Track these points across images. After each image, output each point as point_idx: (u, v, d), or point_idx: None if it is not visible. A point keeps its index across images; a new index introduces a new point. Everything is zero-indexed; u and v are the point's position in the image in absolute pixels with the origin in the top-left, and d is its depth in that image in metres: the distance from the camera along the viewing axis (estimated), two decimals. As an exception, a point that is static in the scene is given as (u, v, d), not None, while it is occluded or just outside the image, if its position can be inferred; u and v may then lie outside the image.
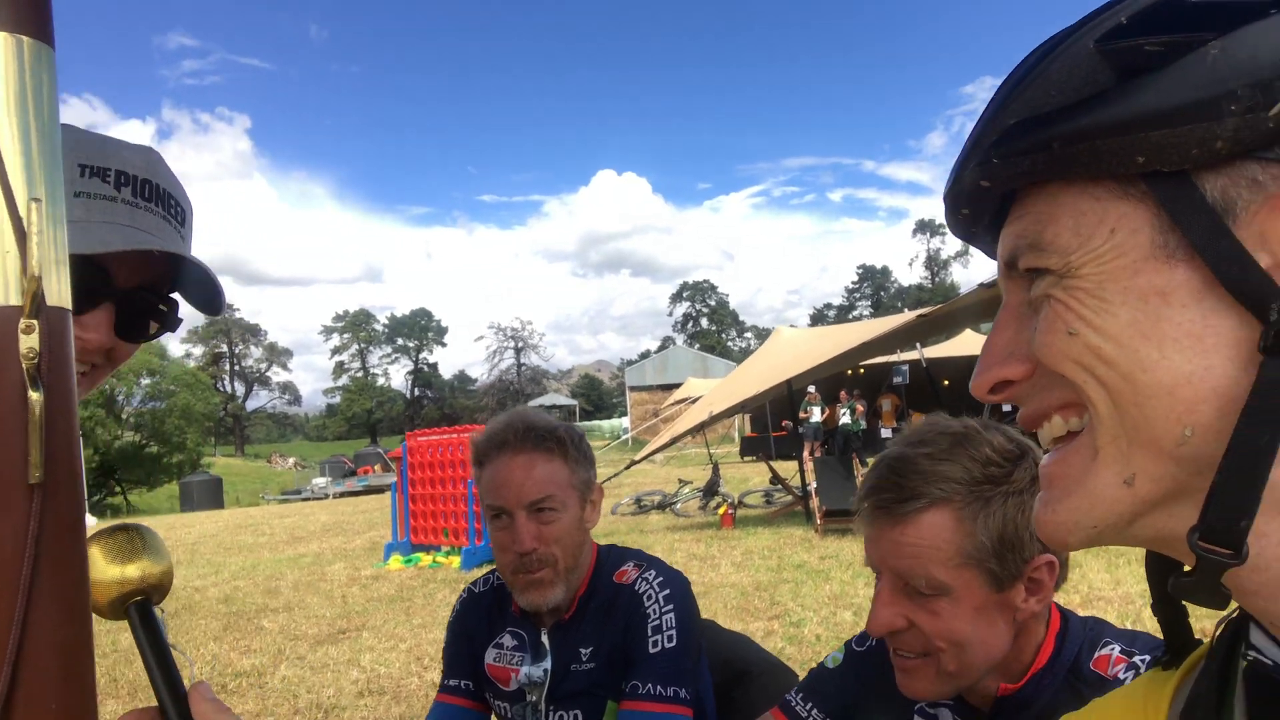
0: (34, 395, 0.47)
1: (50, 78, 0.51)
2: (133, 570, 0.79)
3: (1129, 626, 1.27)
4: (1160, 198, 0.46)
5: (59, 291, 0.50)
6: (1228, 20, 0.44)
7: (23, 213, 0.47)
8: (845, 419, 19.94)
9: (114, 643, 6.74)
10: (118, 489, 38.70)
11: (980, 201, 0.55)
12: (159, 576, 0.81)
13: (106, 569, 0.79)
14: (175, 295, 1.05)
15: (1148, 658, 1.15)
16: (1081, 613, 1.27)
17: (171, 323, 1.04)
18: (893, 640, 1.17)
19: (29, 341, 0.47)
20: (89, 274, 0.92)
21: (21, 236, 0.46)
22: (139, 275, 0.98)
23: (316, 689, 5.25)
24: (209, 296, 1.04)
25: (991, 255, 0.58)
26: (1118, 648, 1.19)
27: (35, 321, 0.47)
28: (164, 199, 1.00)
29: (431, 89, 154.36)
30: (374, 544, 11.92)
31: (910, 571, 1.11)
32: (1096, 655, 1.18)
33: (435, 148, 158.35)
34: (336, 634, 6.69)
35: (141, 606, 0.80)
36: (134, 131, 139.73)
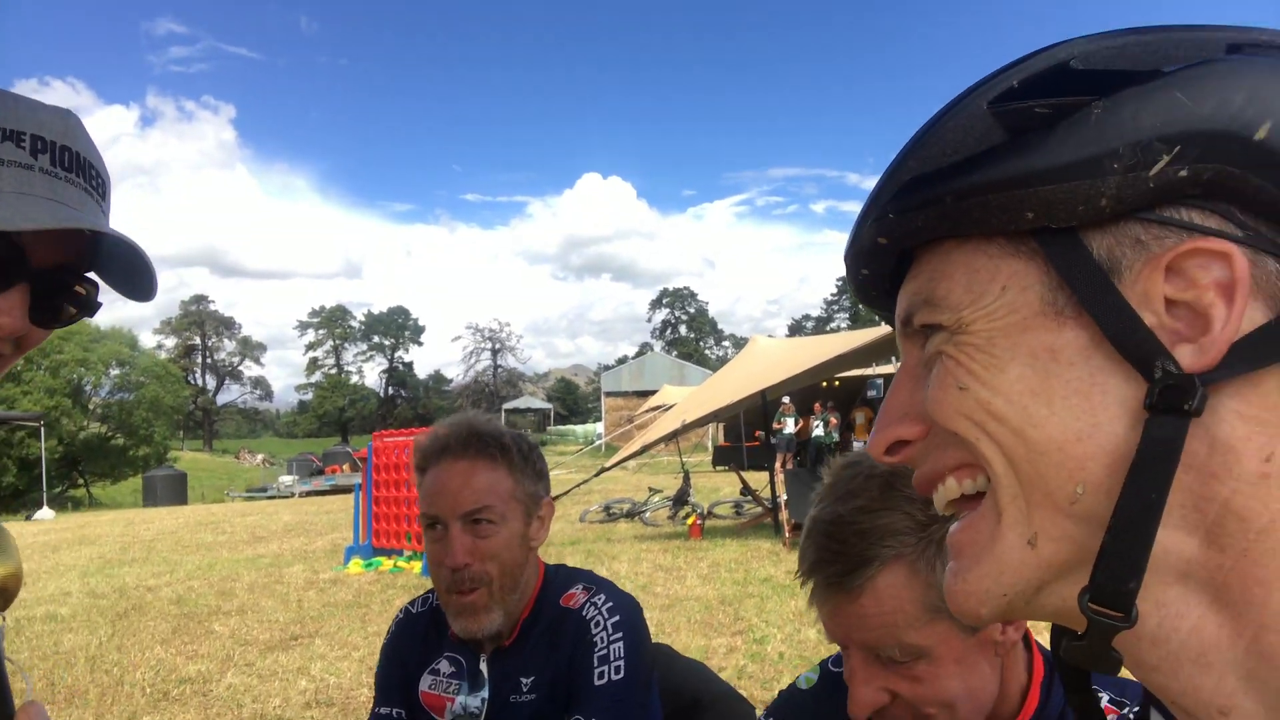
0: None
1: None
2: None
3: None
4: (1049, 255, 0.47)
5: None
6: (1111, 85, 0.46)
7: None
8: (819, 431, 19.93)
9: (55, 644, 6.53)
10: (80, 481, 37.99)
11: (878, 260, 0.55)
12: (4, 579, 0.75)
13: None
14: (94, 277, 0.94)
15: (1138, 709, 1.04)
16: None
17: (91, 306, 0.94)
18: (879, 716, 1.07)
19: None
20: (1, 251, 0.83)
21: None
22: (57, 254, 0.88)
23: (263, 698, 5.07)
24: (137, 279, 0.94)
25: (890, 319, 0.58)
26: (1107, 697, 1.09)
27: None
28: (84, 168, 0.90)
29: (419, 85, 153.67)
30: (335, 546, 11.69)
31: (880, 643, 1.02)
32: None
33: (421, 144, 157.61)
34: (289, 640, 6.51)
35: None
36: (117, 116, 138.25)
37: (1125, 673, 0.50)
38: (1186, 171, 0.44)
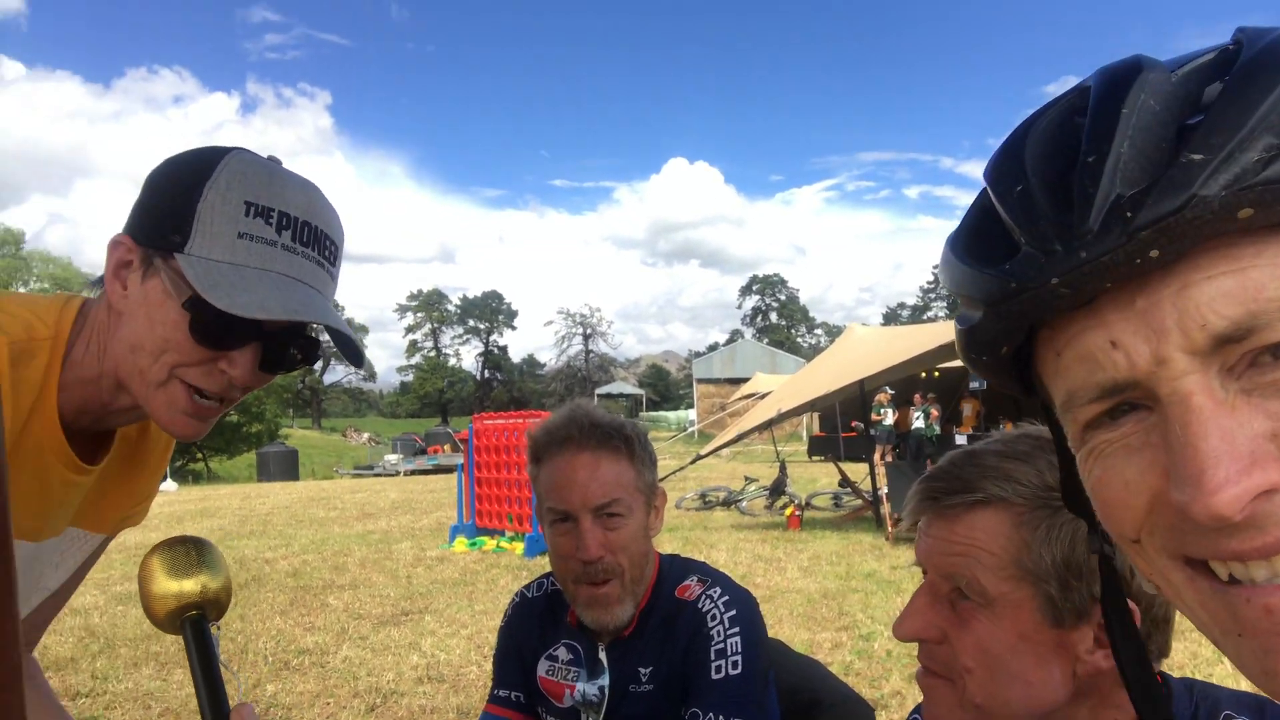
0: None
1: None
2: (190, 585, 0.79)
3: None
4: None
5: None
6: None
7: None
8: (919, 423, 19.43)
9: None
10: (199, 456, 40.13)
11: (1221, 223, 0.42)
12: (216, 592, 0.81)
13: (165, 582, 0.79)
14: (317, 335, 1.11)
15: None
16: None
17: (312, 357, 1.09)
18: (923, 653, 1.01)
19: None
20: (239, 320, 0.95)
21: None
22: (285, 321, 1.02)
23: (377, 672, 5.26)
24: (352, 354, 1.10)
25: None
26: None
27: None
28: (320, 241, 1.03)
29: (507, 71, 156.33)
30: (440, 524, 12.04)
31: (955, 571, 0.96)
32: None
33: (509, 130, 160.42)
34: (399, 615, 6.73)
35: (196, 622, 0.80)
36: (220, 104, 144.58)
37: None
38: None
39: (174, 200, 0.98)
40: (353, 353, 1.09)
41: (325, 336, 1.14)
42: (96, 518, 1.19)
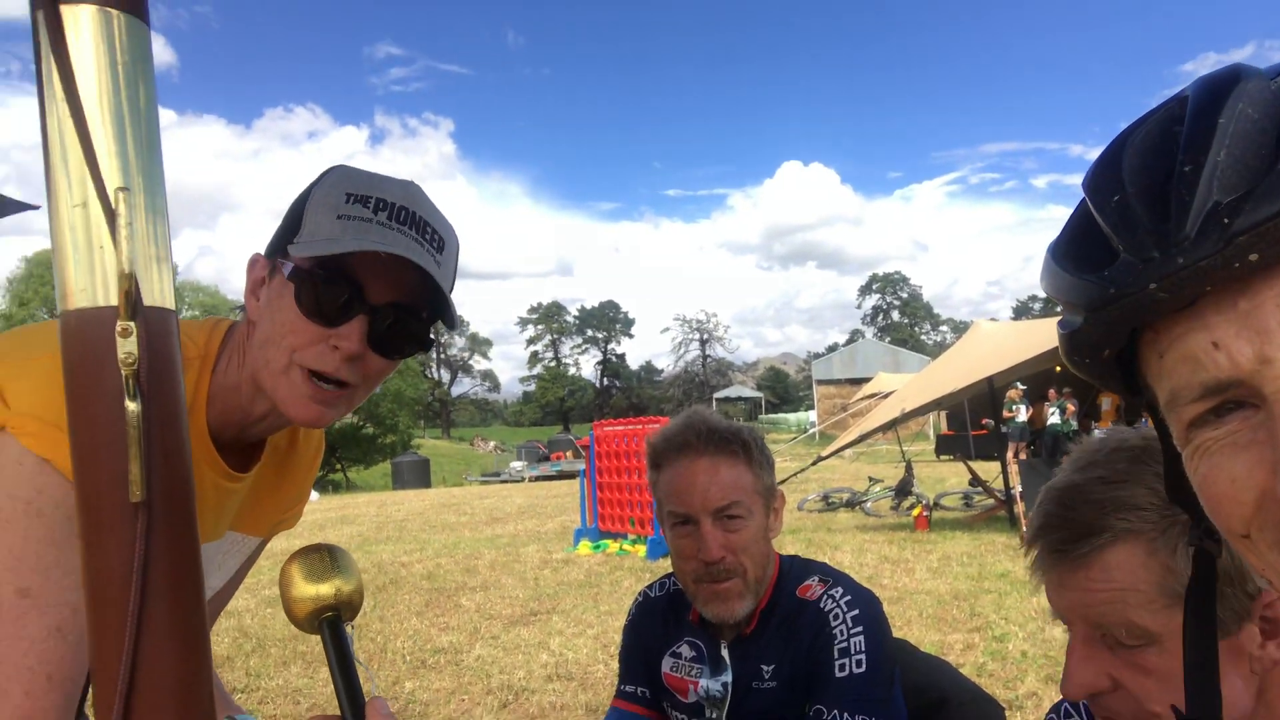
0: (131, 405, 0.42)
1: (144, 56, 0.45)
2: (326, 589, 0.85)
3: None
4: None
5: (161, 291, 0.45)
6: None
7: (112, 203, 0.42)
8: (1055, 419, 18.50)
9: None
10: (338, 466, 42.32)
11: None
12: (349, 594, 0.87)
13: (304, 586, 0.84)
14: (432, 321, 1.12)
15: None
16: None
17: (425, 341, 1.12)
18: (1096, 706, 0.95)
19: (126, 346, 0.42)
20: (343, 288, 1.01)
21: (114, 230, 0.41)
22: (390, 292, 1.05)
23: (508, 670, 5.42)
24: (447, 316, 1.14)
25: (1121, 390, 0.54)
26: None
27: (132, 324, 0.42)
28: (419, 224, 1.07)
29: (618, 89, 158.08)
30: (565, 528, 12.29)
31: (1105, 620, 0.91)
32: None
33: (622, 145, 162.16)
34: (528, 615, 6.92)
35: (333, 623, 0.85)
36: (349, 137, 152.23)
37: None
38: None
39: (292, 212, 1.08)
40: (448, 314, 1.12)
41: (448, 339, 1.16)
42: (253, 522, 1.30)
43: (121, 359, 0.42)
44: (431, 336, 1.13)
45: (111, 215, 0.41)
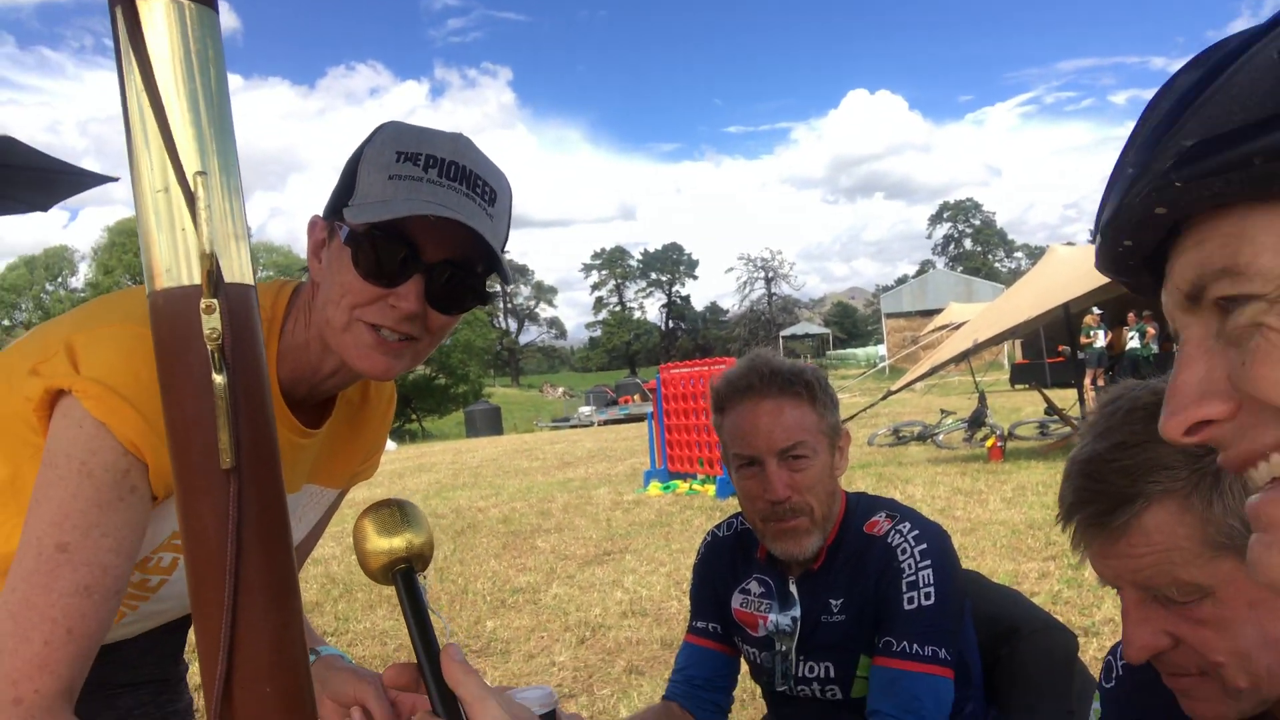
0: (218, 378, 0.45)
1: (215, 42, 0.47)
2: (399, 542, 0.87)
3: None
4: None
5: (240, 267, 0.48)
6: None
7: (191, 186, 0.44)
8: (1134, 343, 17.91)
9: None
10: (414, 416, 43.47)
11: (1147, 230, 0.52)
12: (421, 547, 0.89)
13: (377, 540, 0.86)
14: (487, 275, 1.14)
15: None
16: None
17: (482, 295, 1.13)
18: (1160, 663, 0.95)
19: (210, 322, 0.45)
20: (399, 249, 1.04)
21: (194, 212, 0.44)
22: (445, 251, 1.07)
23: (585, 607, 5.58)
24: (503, 273, 1.15)
25: (1146, 291, 0.57)
26: None
27: (215, 301, 0.45)
28: (469, 178, 1.08)
29: (675, 25, 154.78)
30: (634, 470, 12.45)
31: (1153, 582, 0.90)
32: None
33: (681, 83, 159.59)
34: (602, 555, 7.08)
35: (406, 574, 0.87)
36: (410, 92, 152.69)
37: None
38: None
39: (346, 173, 1.10)
40: (502, 271, 1.14)
41: (513, 289, 1.18)
42: (329, 474, 1.36)
43: (207, 334, 0.45)
44: (489, 289, 1.15)
45: (191, 199, 0.43)
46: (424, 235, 1.05)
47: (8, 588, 0.87)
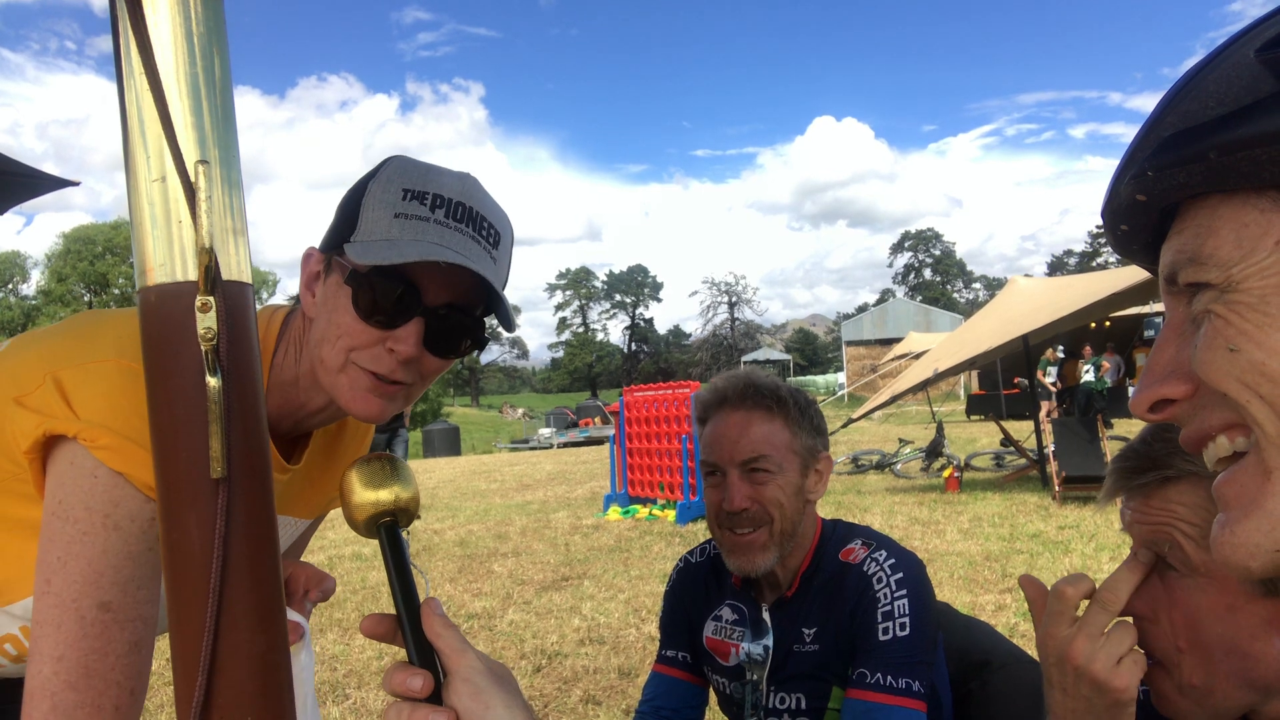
0: (212, 381, 0.42)
1: (219, 26, 0.44)
2: (385, 495, 0.86)
3: None
4: None
5: (238, 265, 0.45)
6: None
7: (191, 176, 0.41)
8: (1089, 376, 18.29)
9: (362, 580, 7.43)
10: (371, 435, 42.90)
11: (1137, 217, 0.54)
12: (407, 501, 0.88)
13: (363, 493, 0.86)
14: (486, 317, 1.13)
15: None
16: None
17: (480, 341, 1.12)
18: (1141, 633, 1.00)
19: (206, 321, 0.42)
20: (401, 291, 1.01)
21: (193, 204, 0.41)
22: (447, 294, 1.05)
23: (541, 634, 5.50)
24: (503, 316, 1.13)
25: (1152, 272, 0.57)
26: None
27: (211, 299, 0.42)
28: (475, 220, 1.07)
29: (646, 47, 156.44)
30: (594, 494, 12.37)
31: (1158, 538, 0.96)
32: None
33: (650, 105, 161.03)
34: (560, 581, 6.99)
35: (390, 528, 0.87)
36: (381, 106, 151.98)
37: None
38: None
39: (347, 205, 1.07)
40: (504, 315, 1.12)
41: (494, 321, 1.16)
42: (302, 506, 1.32)
43: (201, 334, 0.42)
44: (486, 335, 1.13)
45: (190, 189, 0.40)
46: (427, 278, 1.03)
47: (46, 655, 0.83)
